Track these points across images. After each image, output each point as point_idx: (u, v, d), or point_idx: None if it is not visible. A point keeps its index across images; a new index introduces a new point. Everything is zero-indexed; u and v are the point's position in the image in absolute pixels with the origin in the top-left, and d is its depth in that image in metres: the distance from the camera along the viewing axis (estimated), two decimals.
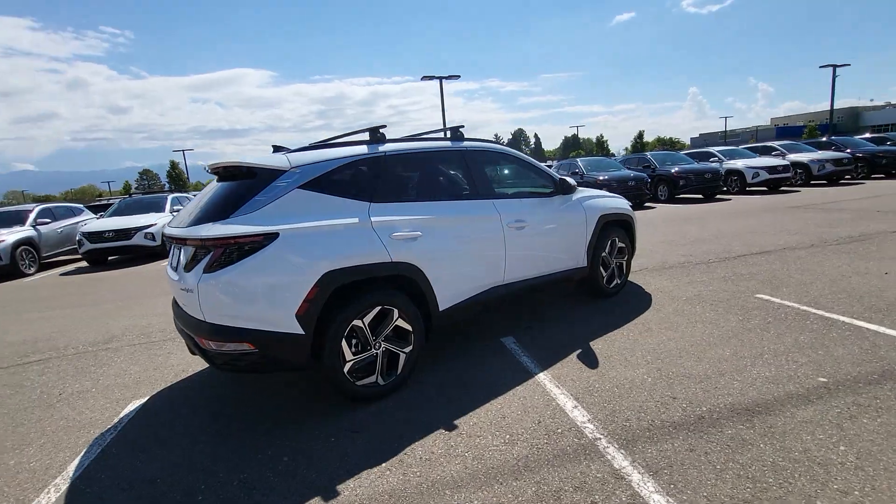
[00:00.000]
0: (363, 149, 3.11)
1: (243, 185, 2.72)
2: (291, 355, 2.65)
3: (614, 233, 4.62)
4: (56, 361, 4.18)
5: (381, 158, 3.14)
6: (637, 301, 4.53)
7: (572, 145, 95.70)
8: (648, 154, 15.96)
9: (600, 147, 78.98)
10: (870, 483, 1.89)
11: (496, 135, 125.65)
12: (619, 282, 4.80)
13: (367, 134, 3.25)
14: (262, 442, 2.57)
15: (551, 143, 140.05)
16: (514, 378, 3.10)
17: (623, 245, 4.74)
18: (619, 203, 4.85)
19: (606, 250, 4.53)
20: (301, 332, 2.60)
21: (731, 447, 2.18)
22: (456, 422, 2.62)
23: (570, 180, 4.31)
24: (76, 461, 2.54)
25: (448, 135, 3.80)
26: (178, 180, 56.85)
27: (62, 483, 2.36)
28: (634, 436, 2.34)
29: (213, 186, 2.98)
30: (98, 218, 11.60)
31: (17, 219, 10.51)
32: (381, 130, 3.27)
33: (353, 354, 2.81)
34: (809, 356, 3.03)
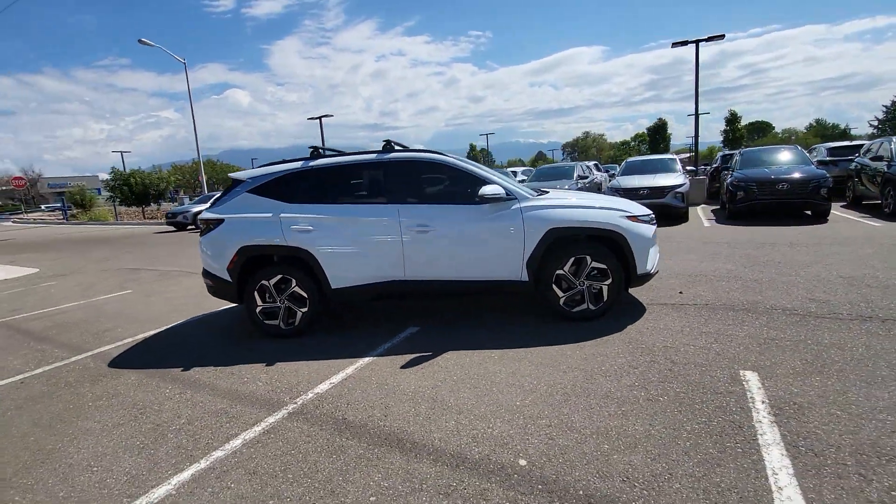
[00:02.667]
0: (297, 164, 4.37)
1: (228, 189, 4.55)
2: (227, 294, 4.38)
3: (586, 250, 3.97)
4: None
5: (304, 171, 4.32)
6: (579, 331, 3.81)
7: None
8: None
9: None
10: None
11: None
12: (589, 308, 4.07)
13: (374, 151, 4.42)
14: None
15: None
16: (365, 348, 3.80)
17: (604, 267, 3.97)
18: (598, 215, 4.03)
19: (566, 268, 3.99)
20: (230, 280, 4.28)
21: None
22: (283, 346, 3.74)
23: (515, 188, 4.08)
24: None
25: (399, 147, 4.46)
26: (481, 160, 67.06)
27: None
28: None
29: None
30: None
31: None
32: (323, 150, 4.43)
33: (262, 302, 4.28)
34: None
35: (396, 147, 4.42)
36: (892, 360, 2.93)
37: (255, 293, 4.28)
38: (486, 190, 3.90)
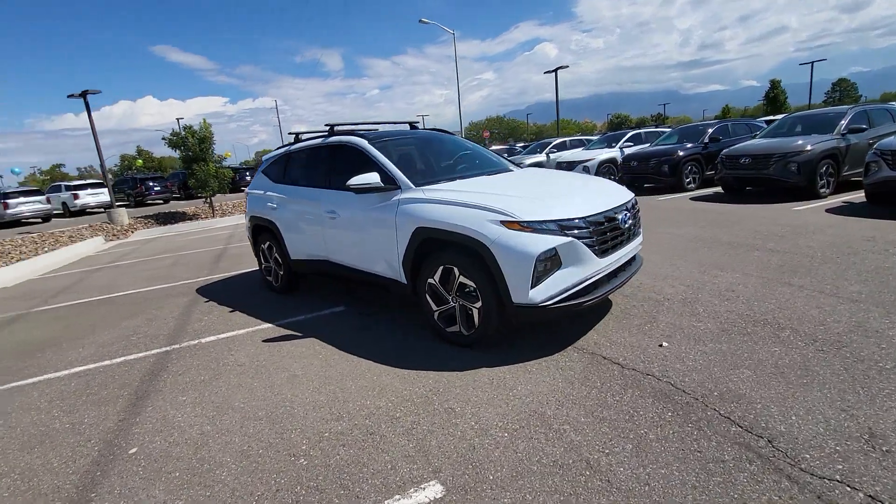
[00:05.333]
0: (284, 149, 5.00)
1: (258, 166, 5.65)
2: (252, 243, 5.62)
3: (454, 260, 3.16)
4: None
5: (280, 156, 4.93)
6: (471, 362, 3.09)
7: None
8: None
9: None
10: None
11: None
12: (461, 332, 3.24)
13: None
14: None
15: None
16: (280, 316, 4.39)
17: (470, 284, 3.08)
18: (460, 216, 3.05)
19: (436, 279, 3.29)
20: (251, 238, 5.49)
21: None
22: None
23: (400, 176, 3.54)
24: None
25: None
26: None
27: None
28: None
29: None
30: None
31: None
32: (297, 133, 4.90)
33: (263, 262, 5.32)
34: None
35: (338, 129, 4.47)
36: None
37: (259, 254, 5.37)
38: (353, 181, 3.55)
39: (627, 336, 3.22)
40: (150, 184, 23.35)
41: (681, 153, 10.04)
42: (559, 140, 16.22)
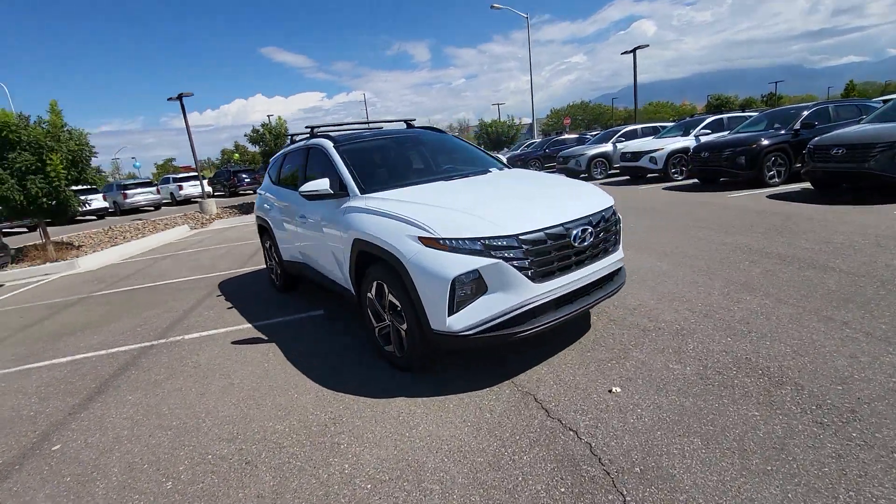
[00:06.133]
0: (282, 151, 5.05)
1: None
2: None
3: (382, 275, 2.91)
4: None
5: (282, 156, 4.96)
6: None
7: None
8: None
9: None
10: None
11: None
12: (394, 351, 3.00)
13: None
14: None
15: None
16: (266, 316, 4.49)
17: (397, 303, 2.81)
18: (383, 228, 2.78)
19: (373, 293, 3.07)
20: (260, 237, 5.69)
21: None
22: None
23: (346, 180, 3.38)
24: None
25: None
26: None
27: None
28: None
29: None
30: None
31: None
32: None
33: (268, 260, 5.48)
34: None
35: (318, 132, 4.35)
36: None
37: (265, 253, 5.55)
38: (303, 187, 3.41)
39: (580, 374, 2.73)
40: (242, 176, 25.82)
41: (764, 142, 8.49)
42: (628, 128, 14.70)
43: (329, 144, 3.83)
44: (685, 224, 6.35)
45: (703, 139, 10.53)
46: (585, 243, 2.74)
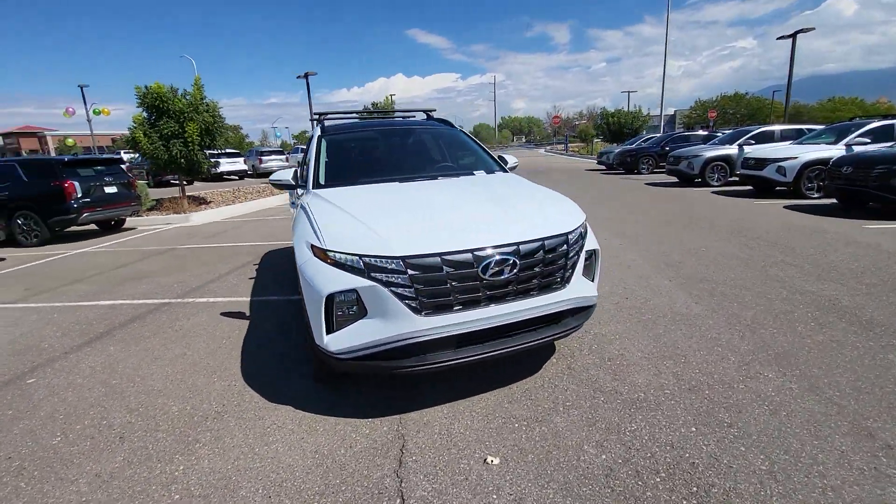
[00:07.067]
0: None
1: None
2: None
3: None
4: None
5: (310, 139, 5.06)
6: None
7: None
8: None
9: None
10: None
11: None
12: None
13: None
14: None
15: None
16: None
17: None
18: (301, 231, 2.65)
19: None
20: None
21: None
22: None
23: (308, 171, 3.35)
24: None
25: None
26: None
27: None
28: None
29: None
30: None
31: None
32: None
33: None
34: None
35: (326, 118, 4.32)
36: None
37: None
38: (272, 176, 3.43)
39: (472, 428, 2.31)
40: None
41: None
42: (764, 129, 12.03)
43: (317, 133, 3.80)
44: (769, 258, 5.03)
45: (858, 149, 8.20)
46: (503, 276, 2.27)
